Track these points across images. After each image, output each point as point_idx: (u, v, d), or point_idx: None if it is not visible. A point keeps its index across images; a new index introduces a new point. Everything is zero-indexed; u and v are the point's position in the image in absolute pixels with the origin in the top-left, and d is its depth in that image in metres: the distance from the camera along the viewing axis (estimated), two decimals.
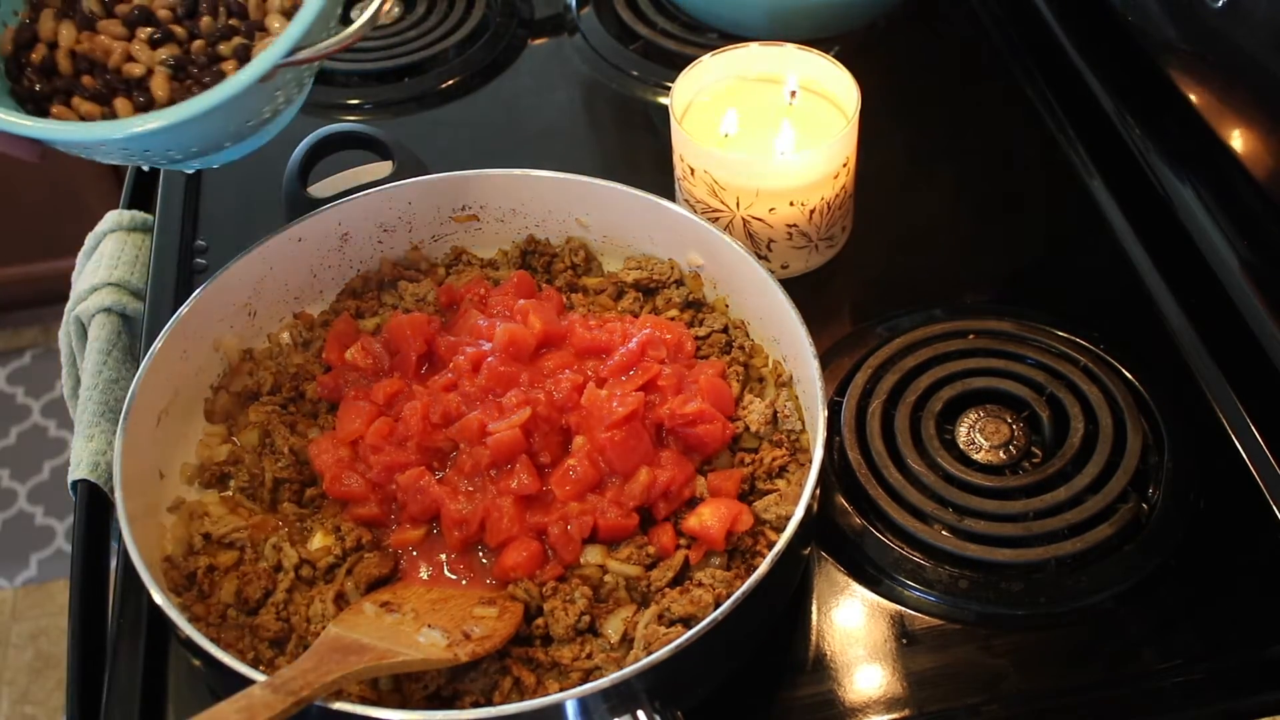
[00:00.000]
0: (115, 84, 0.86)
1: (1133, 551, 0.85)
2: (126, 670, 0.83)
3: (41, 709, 2.02)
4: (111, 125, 0.81)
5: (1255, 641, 0.82)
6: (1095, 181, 1.13)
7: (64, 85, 0.86)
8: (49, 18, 0.86)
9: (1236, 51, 0.93)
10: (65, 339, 1.10)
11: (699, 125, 1.03)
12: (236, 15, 0.86)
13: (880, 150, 1.09)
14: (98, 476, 0.91)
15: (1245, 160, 0.96)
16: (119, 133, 0.80)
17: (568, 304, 0.97)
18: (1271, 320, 0.93)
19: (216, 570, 0.83)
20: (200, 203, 1.15)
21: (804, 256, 1.04)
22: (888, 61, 1.26)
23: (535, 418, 0.85)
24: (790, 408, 0.89)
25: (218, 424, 0.93)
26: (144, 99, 0.85)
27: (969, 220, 1.13)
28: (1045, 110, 1.21)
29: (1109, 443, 0.90)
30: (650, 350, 0.90)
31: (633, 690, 0.71)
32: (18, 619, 2.13)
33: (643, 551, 0.82)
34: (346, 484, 0.85)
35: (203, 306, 0.92)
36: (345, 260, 1.00)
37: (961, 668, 0.82)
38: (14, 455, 2.34)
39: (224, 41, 0.86)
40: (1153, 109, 1.10)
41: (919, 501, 0.88)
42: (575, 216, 1.01)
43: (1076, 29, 1.21)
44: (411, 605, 0.79)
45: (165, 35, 0.85)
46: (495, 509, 0.82)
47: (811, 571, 0.87)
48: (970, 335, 0.99)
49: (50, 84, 0.86)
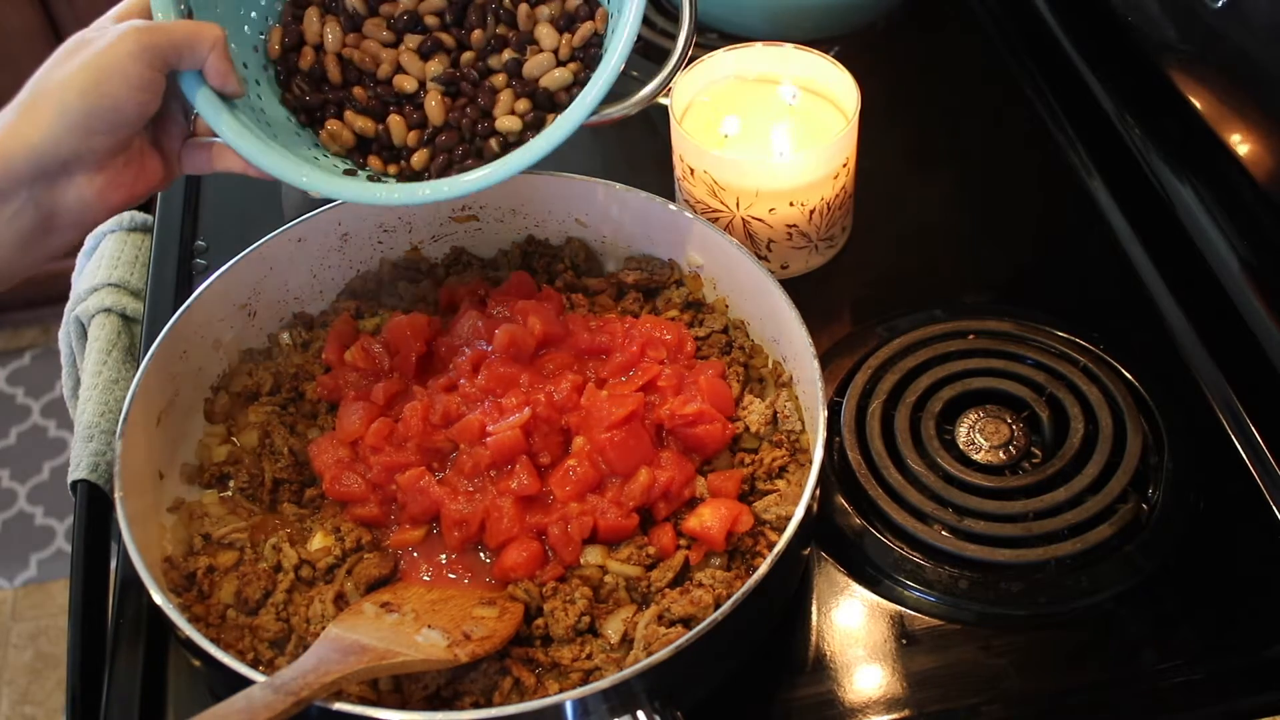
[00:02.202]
0: (387, 97, 0.85)
1: (1133, 551, 0.85)
2: (126, 670, 0.83)
3: (41, 709, 2.02)
4: (413, 194, 0.80)
5: (1255, 641, 0.82)
6: (1095, 181, 1.13)
7: (335, 97, 0.86)
8: (314, 16, 0.86)
9: (1236, 51, 0.93)
10: (65, 339, 1.10)
11: (699, 125, 1.03)
12: (506, 23, 0.85)
13: (880, 150, 1.09)
14: (98, 476, 0.91)
15: (1245, 160, 0.96)
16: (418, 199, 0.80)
17: (568, 304, 0.97)
18: (1271, 320, 0.93)
19: (216, 570, 0.83)
20: (200, 203, 1.15)
21: (804, 256, 1.04)
22: (888, 61, 1.26)
23: (535, 418, 0.85)
24: (790, 408, 0.89)
25: (218, 424, 0.93)
26: (417, 116, 0.84)
27: (969, 220, 1.13)
28: (1045, 110, 1.21)
29: (1109, 443, 0.90)
30: (650, 351, 0.90)
31: (633, 691, 0.71)
32: (18, 619, 2.13)
33: (643, 552, 0.82)
34: (346, 484, 0.85)
35: (203, 306, 0.92)
36: (345, 260, 1.00)
37: (961, 668, 0.82)
38: (14, 455, 2.34)
39: (494, 55, 0.85)
40: (1153, 109, 1.10)
41: (919, 502, 0.88)
42: (575, 216, 1.01)
43: (1076, 29, 1.21)
44: (411, 605, 0.79)
45: (434, 45, 0.85)
46: (495, 509, 0.82)
47: (811, 572, 0.87)
48: (970, 335, 0.99)
49: (320, 94, 0.86)
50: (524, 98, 0.85)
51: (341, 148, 0.87)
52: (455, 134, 0.85)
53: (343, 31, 0.86)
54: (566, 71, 0.85)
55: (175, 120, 0.81)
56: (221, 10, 0.84)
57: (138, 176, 0.78)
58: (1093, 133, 1.16)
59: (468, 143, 0.85)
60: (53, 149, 0.73)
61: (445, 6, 0.86)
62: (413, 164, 0.86)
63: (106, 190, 0.76)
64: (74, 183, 0.75)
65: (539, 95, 0.84)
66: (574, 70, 0.85)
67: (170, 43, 0.75)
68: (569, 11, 0.85)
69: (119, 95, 0.73)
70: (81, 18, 1.98)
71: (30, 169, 0.73)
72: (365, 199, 0.80)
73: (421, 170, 0.85)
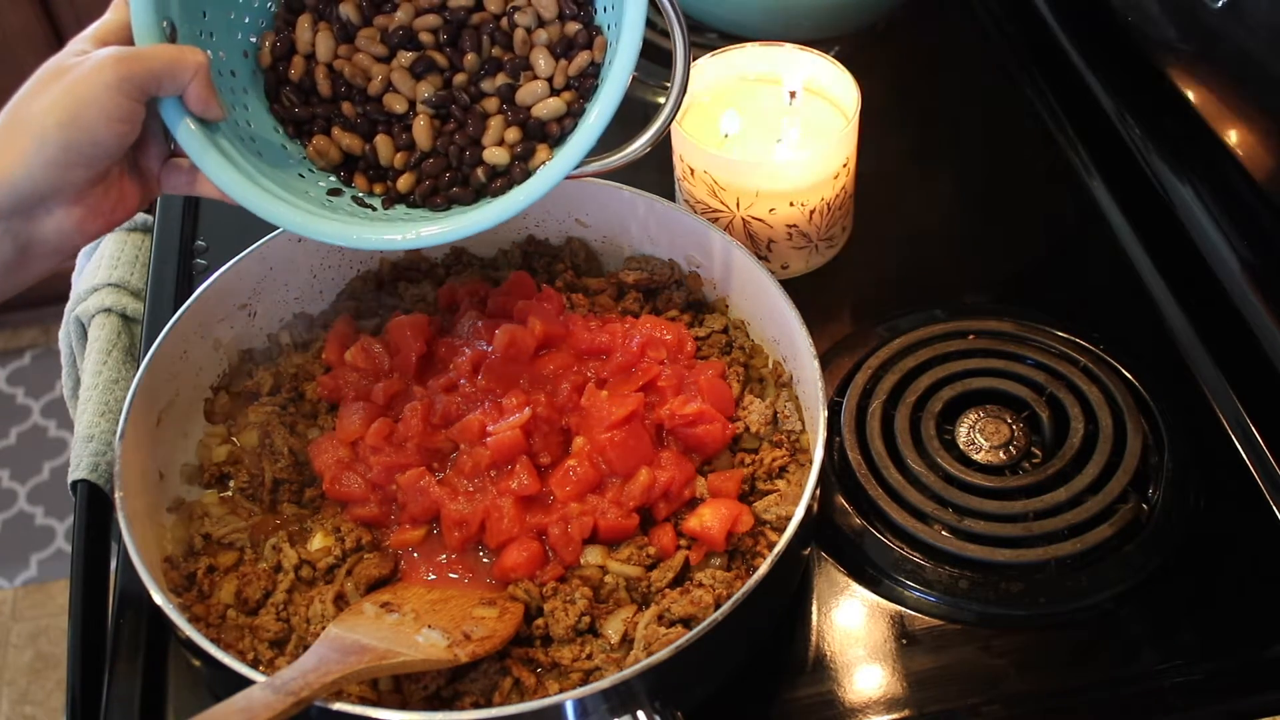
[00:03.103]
0: (376, 116, 0.84)
1: (1133, 551, 0.85)
2: (126, 670, 0.83)
3: (41, 709, 2.02)
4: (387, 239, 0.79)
5: (1255, 641, 0.82)
6: (1095, 181, 1.13)
7: (324, 111, 0.84)
8: (306, 24, 0.84)
9: (1236, 51, 0.93)
10: (65, 339, 1.10)
11: (699, 125, 1.03)
12: (502, 45, 0.84)
13: (880, 150, 1.09)
14: (98, 476, 0.91)
15: (1245, 160, 0.96)
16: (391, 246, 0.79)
17: (568, 304, 0.97)
18: (1271, 320, 0.93)
19: (216, 571, 0.83)
20: (200, 203, 1.15)
21: (804, 256, 1.04)
22: (888, 61, 1.26)
23: (535, 418, 0.85)
24: (790, 408, 0.89)
25: (218, 424, 0.93)
26: (405, 138, 0.83)
27: (969, 220, 1.13)
28: (1045, 110, 1.21)
29: (1109, 443, 0.90)
30: (650, 351, 0.90)
31: (633, 691, 0.71)
32: (18, 619, 2.13)
33: (643, 552, 0.82)
34: (346, 485, 0.85)
35: (203, 306, 0.92)
36: (345, 260, 1.00)
37: (961, 668, 0.82)
38: (14, 455, 2.34)
39: (488, 79, 0.83)
40: (1153, 109, 1.10)
41: (919, 502, 0.88)
42: (575, 216, 1.01)
43: (1076, 29, 1.21)
44: (411, 606, 0.79)
45: (427, 65, 0.83)
46: (495, 510, 0.82)
47: (811, 572, 0.87)
48: (970, 335, 0.99)
49: (309, 108, 0.84)
50: (515, 125, 0.83)
51: (328, 164, 0.85)
52: (442, 160, 0.83)
53: (335, 41, 0.84)
54: (560, 101, 0.82)
55: (155, 141, 0.79)
56: (210, 16, 0.82)
57: (116, 204, 0.77)
58: (1093, 133, 1.16)
59: (454, 170, 0.84)
60: (29, 184, 0.71)
61: (441, 25, 0.84)
62: (399, 187, 0.84)
63: (85, 220, 0.75)
64: (52, 215, 0.74)
65: (530, 124, 0.83)
66: (568, 100, 0.83)
67: (149, 72, 0.73)
68: (567, 37, 0.83)
69: (97, 129, 0.71)
70: (82, 18, 1.98)
71: (7, 203, 0.72)
72: (339, 240, 0.79)
73: (407, 193, 0.84)
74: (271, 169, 0.82)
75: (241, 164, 0.79)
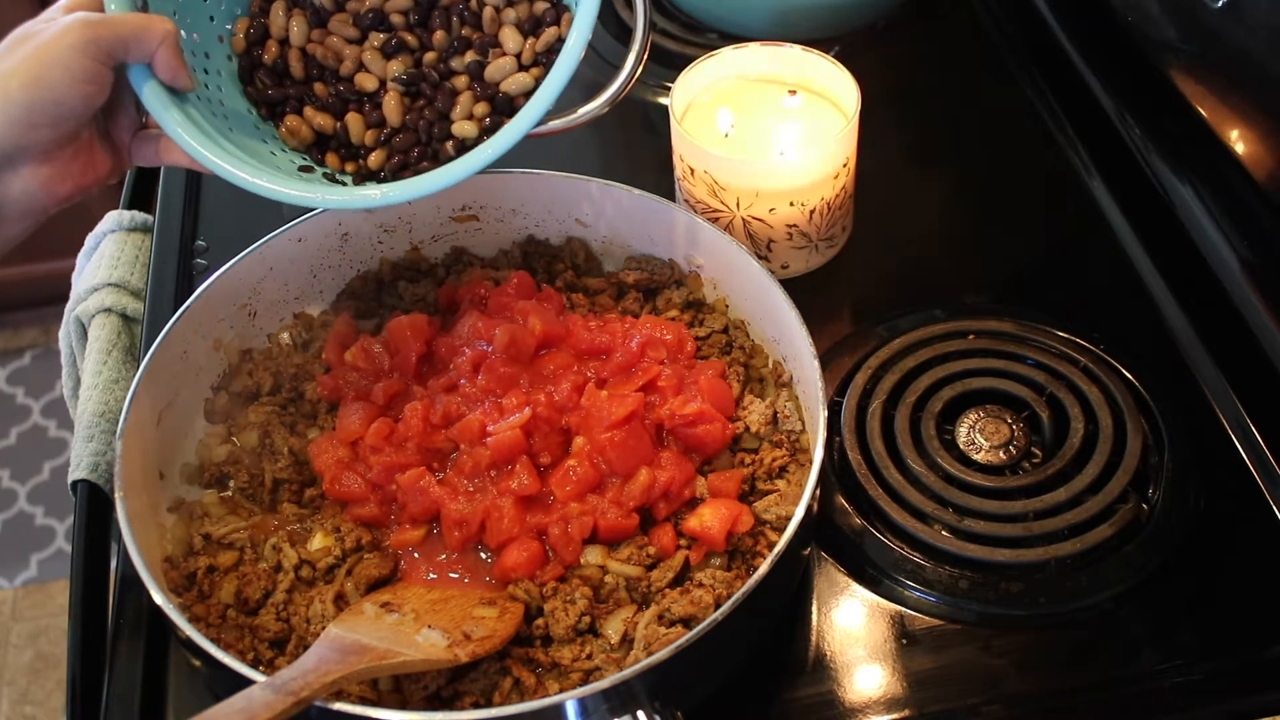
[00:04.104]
0: (347, 95, 0.85)
1: (1133, 551, 0.85)
2: (126, 670, 0.83)
3: (41, 709, 2.02)
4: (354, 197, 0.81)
5: (1255, 641, 0.82)
6: (1095, 181, 1.13)
7: (296, 92, 0.86)
8: (280, 10, 0.86)
9: (1236, 51, 0.93)
10: (65, 339, 1.10)
11: (699, 125, 1.03)
12: (471, 25, 0.85)
13: (880, 150, 1.09)
14: (98, 476, 0.91)
15: (1245, 160, 0.96)
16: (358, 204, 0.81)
17: (568, 304, 0.97)
18: (1271, 320, 0.93)
19: (216, 570, 0.83)
20: (200, 203, 1.15)
21: (804, 256, 1.04)
22: (888, 61, 1.26)
23: (535, 418, 0.85)
24: (790, 408, 0.89)
25: (218, 424, 0.93)
26: (376, 115, 0.84)
27: (969, 220, 1.13)
28: (1045, 110, 1.21)
29: (1109, 443, 0.90)
30: (650, 351, 0.90)
31: (633, 691, 0.71)
32: (18, 619, 2.13)
33: (643, 552, 0.82)
34: (346, 484, 0.85)
35: (203, 306, 0.92)
36: (345, 260, 1.00)
37: (961, 668, 0.82)
38: (14, 455, 2.34)
39: (457, 57, 0.85)
40: (1153, 109, 1.10)
41: (919, 502, 0.88)
42: (575, 216, 1.01)
43: (1076, 29, 1.21)
44: (411, 605, 0.79)
45: (398, 45, 0.85)
46: (495, 509, 0.82)
47: (811, 572, 0.87)
48: (970, 335, 0.99)
49: (282, 89, 0.86)
50: (484, 101, 0.85)
51: (300, 144, 0.87)
52: (412, 135, 0.85)
53: (308, 26, 0.86)
54: (528, 76, 0.84)
55: (127, 112, 0.81)
56: (183, 0, 0.83)
57: (86, 168, 0.78)
58: (1093, 133, 1.16)
59: (424, 145, 0.85)
60: None
61: (412, 6, 0.86)
62: (369, 163, 0.86)
63: (52, 181, 0.76)
64: (19, 174, 0.75)
65: (499, 99, 0.84)
66: (535, 75, 0.84)
67: (116, 36, 0.75)
68: (535, 15, 0.85)
69: (61, 88, 0.73)
70: None
71: None
72: (307, 201, 0.81)
73: (378, 170, 0.86)
74: (244, 144, 0.83)
75: (209, 130, 0.81)
